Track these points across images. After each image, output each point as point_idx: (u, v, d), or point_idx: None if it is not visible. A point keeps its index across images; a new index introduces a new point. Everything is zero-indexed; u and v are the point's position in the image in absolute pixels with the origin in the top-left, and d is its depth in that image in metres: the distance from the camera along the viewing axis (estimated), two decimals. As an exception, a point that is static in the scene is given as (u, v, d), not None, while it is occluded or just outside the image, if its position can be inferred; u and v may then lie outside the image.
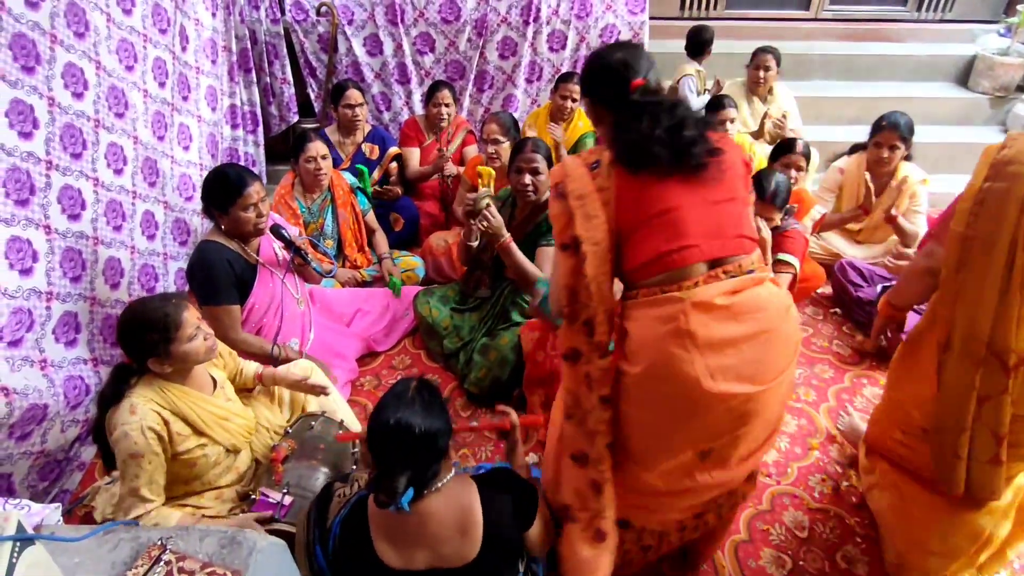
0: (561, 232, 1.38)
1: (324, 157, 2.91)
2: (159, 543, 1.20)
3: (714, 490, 1.52)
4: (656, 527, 1.63)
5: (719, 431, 1.39)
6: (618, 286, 1.46)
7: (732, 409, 1.34)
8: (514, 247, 2.40)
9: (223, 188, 2.18)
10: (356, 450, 1.84)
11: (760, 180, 2.54)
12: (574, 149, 3.56)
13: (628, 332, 1.39)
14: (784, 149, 2.94)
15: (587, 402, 1.40)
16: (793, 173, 2.88)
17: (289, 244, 2.39)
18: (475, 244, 2.59)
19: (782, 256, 2.60)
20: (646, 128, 1.34)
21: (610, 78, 1.43)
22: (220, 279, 2.20)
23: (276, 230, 2.37)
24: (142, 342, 1.66)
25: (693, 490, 1.47)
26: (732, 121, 3.35)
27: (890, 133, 2.91)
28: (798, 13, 5.04)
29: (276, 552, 1.29)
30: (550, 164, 2.52)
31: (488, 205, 2.37)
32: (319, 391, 2.09)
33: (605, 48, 1.49)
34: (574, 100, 3.48)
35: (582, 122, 3.63)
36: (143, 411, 1.64)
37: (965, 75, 4.75)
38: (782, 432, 2.46)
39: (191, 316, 1.72)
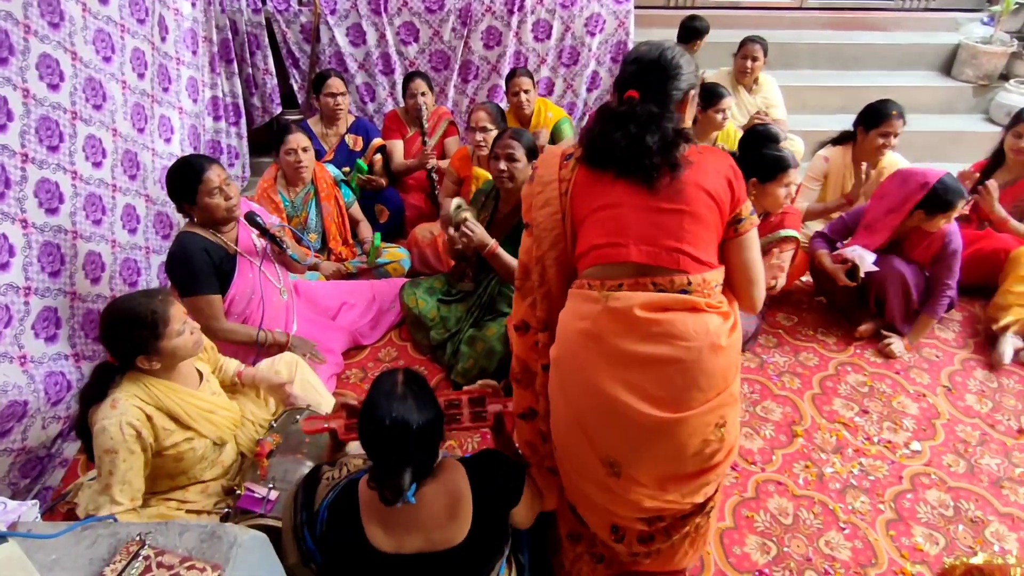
0: (525, 212, 1.51)
1: (305, 149, 2.88)
2: (137, 538, 1.19)
3: (642, 509, 1.48)
4: (608, 541, 1.62)
5: (623, 441, 1.38)
6: None
7: (636, 423, 1.33)
8: (500, 252, 2.39)
9: (183, 177, 2.19)
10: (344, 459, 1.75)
11: (764, 163, 2.56)
12: (552, 138, 3.56)
13: (559, 317, 1.45)
14: (781, 167, 2.66)
15: (533, 366, 1.53)
16: (792, 190, 2.80)
17: (264, 231, 2.37)
18: (458, 244, 2.56)
19: (785, 232, 2.64)
20: (609, 130, 1.37)
21: (618, 82, 1.45)
22: (199, 269, 2.18)
23: (251, 217, 2.35)
24: (129, 340, 1.64)
25: (617, 500, 1.47)
26: (729, 109, 3.33)
27: (897, 121, 2.90)
28: (785, 2, 5.03)
29: (257, 546, 1.28)
30: (533, 155, 2.51)
31: (465, 220, 2.34)
32: (291, 403, 2.06)
33: (636, 50, 1.45)
34: (526, 92, 3.49)
35: (551, 112, 3.62)
36: (124, 407, 1.62)
37: (949, 64, 4.77)
38: (767, 420, 2.48)
39: (178, 311, 1.70)
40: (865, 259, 2.64)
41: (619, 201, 1.37)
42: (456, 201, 2.42)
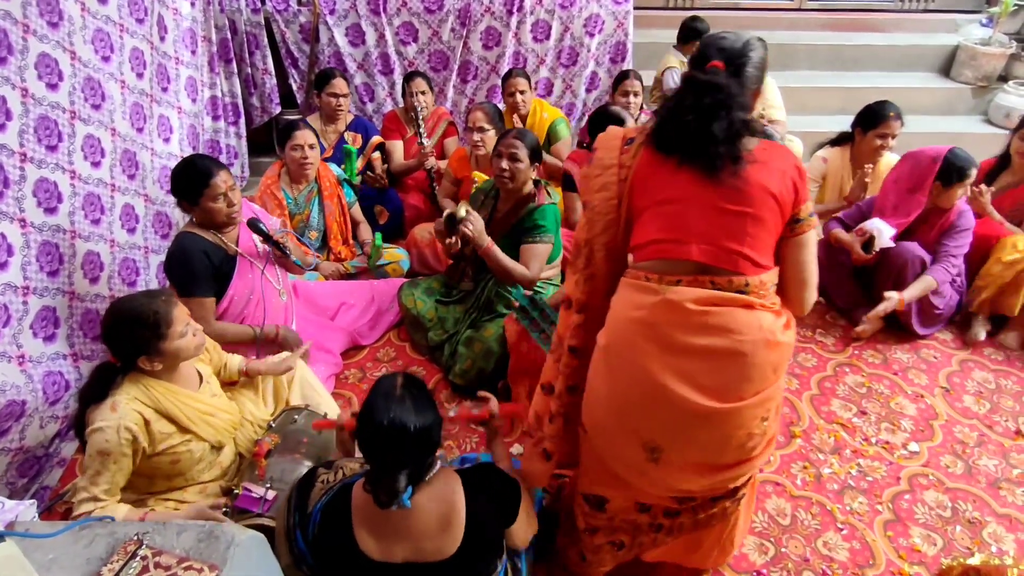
0: (582, 193, 1.49)
1: (312, 147, 2.88)
2: (135, 538, 1.19)
3: (675, 490, 1.50)
4: (630, 514, 1.62)
5: (667, 428, 1.39)
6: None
7: (685, 411, 1.34)
8: (495, 250, 2.38)
9: (189, 179, 2.18)
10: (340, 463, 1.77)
11: None
12: (547, 138, 3.56)
13: (611, 304, 1.44)
14: None
15: (563, 344, 1.54)
16: None
17: (267, 238, 2.36)
18: (454, 249, 2.57)
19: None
20: (682, 108, 1.33)
21: (697, 53, 1.43)
22: (196, 271, 2.18)
23: (253, 224, 2.34)
24: (132, 340, 1.64)
25: (651, 483, 1.48)
26: None
27: (895, 123, 2.92)
28: (783, 3, 5.03)
29: (255, 546, 1.28)
30: (536, 156, 2.51)
31: (464, 218, 2.34)
32: (291, 364, 2.10)
33: (718, 34, 1.44)
34: (522, 93, 3.49)
35: (547, 112, 3.62)
36: (124, 410, 1.62)
37: (948, 65, 4.78)
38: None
39: (181, 312, 1.70)
40: (883, 232, 2.65)
41: (683, 196, 1.36)
42: (462, 204, 2.42)
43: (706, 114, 1.30)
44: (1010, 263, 2.75)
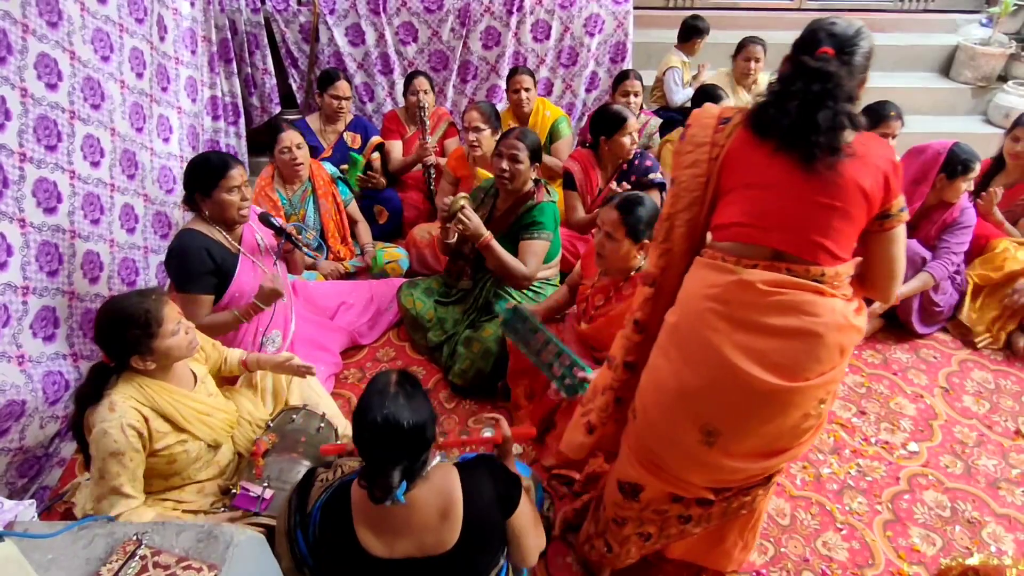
0: (672, 168, 1.49)
1: (299, 146, 2.88)
2: (134, 538, 1.19)
3: (721, 478, 1.51)
4: (663, 504, 1.62)
5: (729, 409, 1.40)
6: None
7: (749, 390, 1.35)
8: (494, 245, 2.39)
9: (206, 170, 2.19)
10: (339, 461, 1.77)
11: None
12: (549, 137, 3.57)
13: (684, 283, 1.45)
14: None
15: (633, 316, 1.55)
16: None
17: (279, 231, 2.39)
18: (452, 242, 2.58)
19: None
20: (788, 93, 1.32)
21: (805, 37, 1.40)
22: (194, 267, 2.18)
23: (265, 217, 2.37)
24: (123, 340, 1.63)
25: (698, 468, 1.49)
26: None
27: (895, 123, 2.93)
28: (783, 3, 5.04)
29: (254, 546, 1.28)
30: (536, 157, 2.51)
31: (463, 207, 2.35)
32: (303, 372, 2.09)
33: (829, 20, 1.41)
34: (527, 91, 3.49)
35: (549, 111, 3.63)
36: (123, 408, 1.62)
37: (947, 65, 4.78)
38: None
39: (172, 311, 1.70)
40: None
41: (772, 182, 1.35)
42: (461, 195, 2.43)
43: (812, 102, 1.28)
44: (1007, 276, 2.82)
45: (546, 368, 2.15)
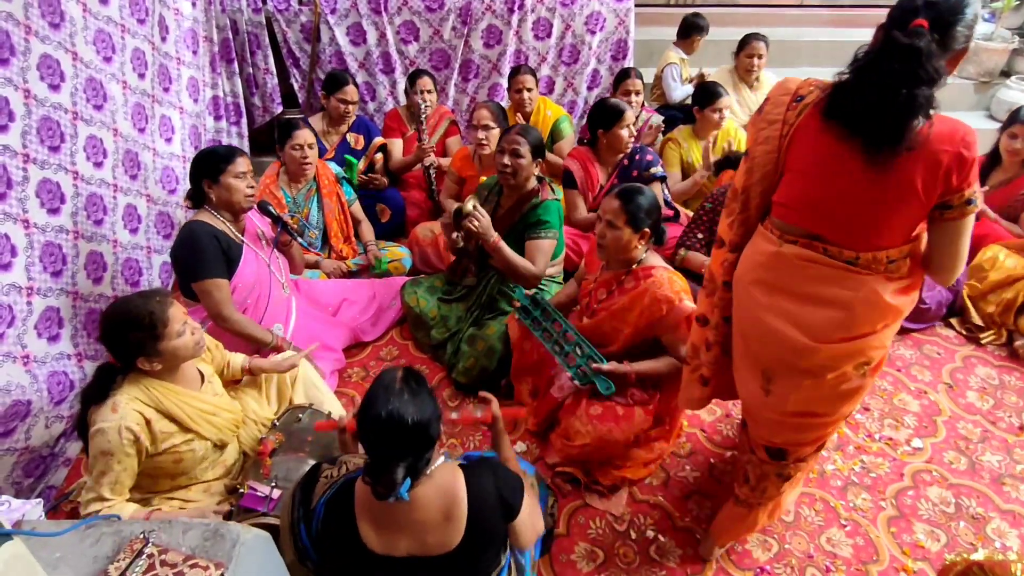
0: (748, 143, 1.55)
1: (311, 146, 2.89)
2: (141, 536, 1.19)
3: (777, 434, 1.65)
4: (745, 441, 1.79)
5: (775, 356, 1.53)
6: None
7: (785, 344, 1.48)
8: (503, 246, 2.39)
9: (215, 158, 2.24)
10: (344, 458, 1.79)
11: None
12: (551, 136, 3.57)
13: (746, 247, 1.58)
14: None
15: (717, 280, 1.64)
16: None
17: (276, 219, 2.41)
18: (459, 244, 2.58)
19: None
20: (870, 70, 1.26)
21: (901, 8, 1.30)
22: (208, 252, 2.19)
23: (263, 205, 2.41)
24: (129, 342, 1.64)
25: (763, 412, 1.62)
26: (727, 109, 3.34)
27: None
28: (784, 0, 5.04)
29: (260, 544, 1.28)
30: (539, 152, 2.51)
31: (474, 207, 2.35)
32: (295, 363, 2.12)
33: None
34: (529, 90, 3.49)
35: (550, 110, 3.63)
36: (124, 410, 1.62)
37: (950, 60, 4.76)
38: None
39: (178, 312, 1.70)
40: None
41: (829, 169, 1.36)
42: (469, 199, 2.43)
43: (890, 85, 1.22)
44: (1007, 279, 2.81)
45: (561, 356, 2.17)
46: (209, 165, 2.23)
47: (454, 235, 2.48)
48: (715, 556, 1.98)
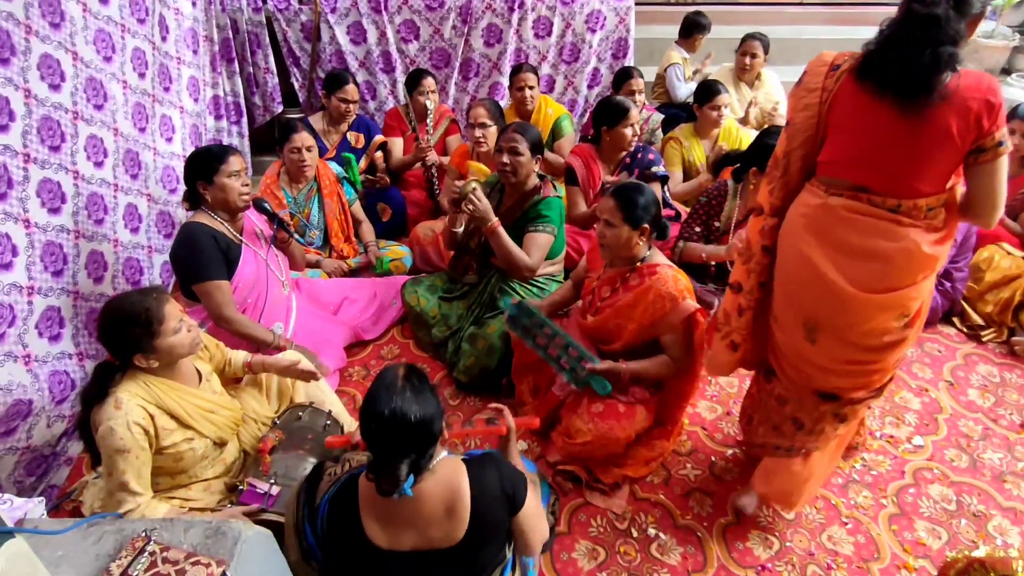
0: (788, 111, 1.66)
1: (310, 149, 2.89)
2: (143, 534, 1.20)
3: (825, 380, 1.73)
4: (792, 381, 1.83)
5: (821, 305, 1.62)
6: None
7: (833, 292, 1.57)
8: (501, 231, 2.40)
9: (208, 158, 2.24)
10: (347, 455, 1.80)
11: (765, 154, 2.58)
12: (551, 134, 3.56)
13: (791, 205, 1.67)
14: None
15: (755, 246, 1.73)
16: None
17: (272, 216, 2.41)
18: (460, 230, 2.58)
19: None
20: (894, 39, 1.41)
21: None
22: (207, 253, 2.20)
23: (259, 203, 2.40)
24: (125, 339, 1.64)
25: (808, 364, 1.71)
26: (726, 106, 3.34)
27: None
28: (785, -3, 5.04)
29: (262, 542, 1.29)
30: (538, 149, 2.51)
31: (475, 189, 2.36)
32: (309, 376, 2.09)
33: None
34: (530, 88, 3.49)
35: (551, 109, 3.63)
36: (128, 406, 1.63)
37: (951, 58, 4.76)
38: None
39: (173, 309, 1.70)
40: None
41: (866, 126, 1.49)
42: (472, 179, 2.43)
43: (915, 47, 1.37)
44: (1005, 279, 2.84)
45: (554, 362, 2.16)
46: (202, 166, 2.23)
47: (457, 210, 2.47)
48: (751, 510, 2.07)
